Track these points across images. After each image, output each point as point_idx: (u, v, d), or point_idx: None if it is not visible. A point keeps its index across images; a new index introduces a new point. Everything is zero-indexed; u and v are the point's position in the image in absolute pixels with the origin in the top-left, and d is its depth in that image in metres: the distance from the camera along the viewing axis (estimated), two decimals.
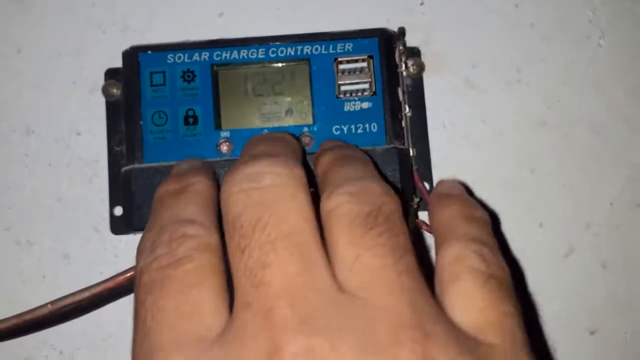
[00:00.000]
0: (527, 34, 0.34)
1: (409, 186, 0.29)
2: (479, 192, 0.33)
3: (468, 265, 0.19)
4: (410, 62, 0.32)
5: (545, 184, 0.33)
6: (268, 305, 0.16)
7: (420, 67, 0.33)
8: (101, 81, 0.33)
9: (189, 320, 0.17)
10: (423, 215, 0.31)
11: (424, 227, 0.30)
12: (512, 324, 0.18)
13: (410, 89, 0.32)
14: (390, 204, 0.19)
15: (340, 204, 0.19)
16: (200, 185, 0.22)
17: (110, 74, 0.33)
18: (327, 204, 0.19)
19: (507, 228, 0.33)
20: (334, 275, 0.17)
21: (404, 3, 0.34)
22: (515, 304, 0.18)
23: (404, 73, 0.32)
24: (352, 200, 0.19)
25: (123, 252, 0.32)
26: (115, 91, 0.32)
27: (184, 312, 0.17)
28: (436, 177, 0.32)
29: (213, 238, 0.19)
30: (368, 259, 0.17)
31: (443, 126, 0.33)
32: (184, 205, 0.21)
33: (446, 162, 0.33)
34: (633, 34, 0.34)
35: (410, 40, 0.33)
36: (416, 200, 0.30)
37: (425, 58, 0.33)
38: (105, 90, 0.32)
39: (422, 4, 0.34)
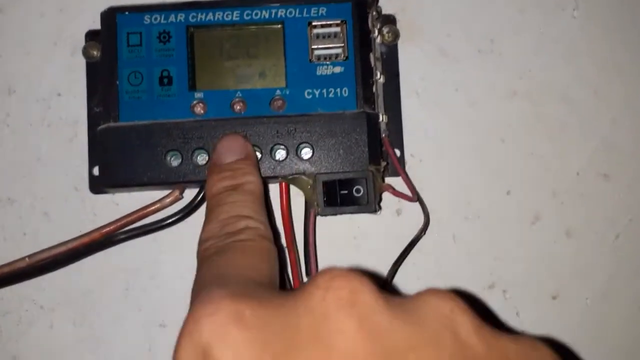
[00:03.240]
0: (503, 4, 0.34)
1: (376, 150, 0.30)
2: (450, 160, 0.33)
3: None
4: (385, 30, 0.33)
5: (514, 153, 0.34)
6: None
7: (396, 35, 0.33)
8: (82, 43, 0.33)
9: (250, 270, 0.21)
10: (390, 180, 0.31)
11: (390, 190, 0.31)
12: None
13: (385, 57, 0.33)
14: None
15: None
16: (252, 185, 0.26)
17: (91, 35, 0.33)
18: None
19: (475, 195, 0.33)
20: None
21: None
22: None
23: (379, 40, 0.32)
24: None
25: (101, 210, 0.33)
26: (96, 53, 0.33)
27: (246, 265, 0.21)
28: (407, 143, 0.33)
29: (270, 233, 0.24)
30: None
31: (416, 94, 0.34)
32: (241, 204, 0.24)
33: (418, 129, 0.33)
34: (606, 6, 0.35)
35: (387, 8, 0.33)
36: (383, 164, 0.30)
37: (400, 26, 0.33)
38: (85, 52, 0.33)
39: None
